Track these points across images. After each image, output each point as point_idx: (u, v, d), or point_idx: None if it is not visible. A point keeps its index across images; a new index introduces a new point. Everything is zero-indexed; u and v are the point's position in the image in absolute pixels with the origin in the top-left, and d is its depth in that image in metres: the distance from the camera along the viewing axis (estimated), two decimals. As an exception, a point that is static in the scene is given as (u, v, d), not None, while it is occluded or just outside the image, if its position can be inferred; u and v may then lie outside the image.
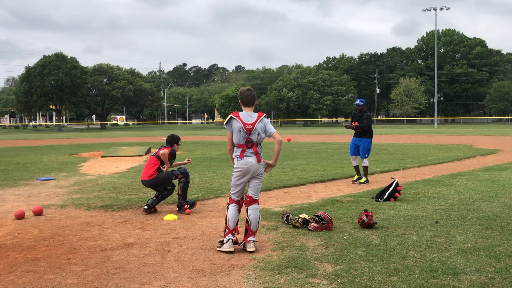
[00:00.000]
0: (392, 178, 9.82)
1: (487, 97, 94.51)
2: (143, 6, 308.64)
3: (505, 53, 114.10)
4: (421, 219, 7.24)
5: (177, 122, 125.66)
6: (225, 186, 10.90)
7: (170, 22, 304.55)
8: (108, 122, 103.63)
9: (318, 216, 6.70)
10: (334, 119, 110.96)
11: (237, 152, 5.87)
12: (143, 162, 17.10)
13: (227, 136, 5.92)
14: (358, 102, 11.73)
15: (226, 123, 5.86)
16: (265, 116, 5.94)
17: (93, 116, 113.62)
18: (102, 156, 20.09)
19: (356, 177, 11.74)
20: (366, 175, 11.58)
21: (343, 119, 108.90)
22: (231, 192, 6.02)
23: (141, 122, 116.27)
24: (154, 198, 8.35)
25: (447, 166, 15.18)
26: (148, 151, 21.19)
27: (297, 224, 6.78)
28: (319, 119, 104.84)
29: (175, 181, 8.53)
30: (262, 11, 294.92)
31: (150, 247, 6.01)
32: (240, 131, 5.76)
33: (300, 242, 6.01)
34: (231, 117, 5.82)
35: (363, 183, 11.44)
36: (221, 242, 5.85)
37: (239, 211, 6.00)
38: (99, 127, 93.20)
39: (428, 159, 17.33)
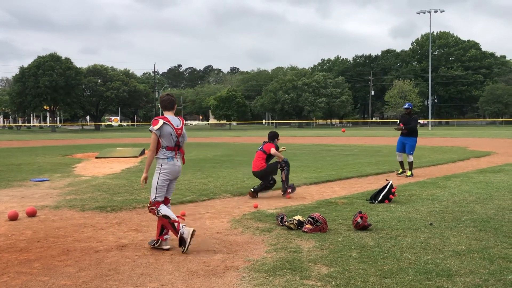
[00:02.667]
0: (386, 180, 9.83)
1: (481, 99, 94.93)
2: (142, 7, 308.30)
3: (499, 56, 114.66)
4: (415, 221, 7.24)
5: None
6: (219, 188, 10.89)
7: (168, 23, 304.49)
8: (102, 123, 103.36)
9: (312, 218, 6.70)
10: (328, 121, 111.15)
11: (168, 154, 6.02)
12: (138, 164, 17.07)
13: (151, 139, 5.95)
14: (406, 106, 13.49)
15: (156, 127, 5.92)
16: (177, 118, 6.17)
17: (87, 117, 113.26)
18: (96, 157, 20.03)
19: (400, 170, 13.31)
20: (411, 169, 13.14)
21: (337, 121, 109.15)
22: (157, 195, 5.97)
23: (135, 123, 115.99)
24: (259, 185, 9.98)
25: (441, 168, 15.22)
26: (143, 152, 21.14)
27: (292, 226, 6.78)
28: (314, 121, 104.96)
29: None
30: (261, 13, 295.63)
31: (144, 248, 5.99)
32: (171, 135, 5.98)
33: (294, 244, 6.01)
34: (164, 122, 5.95)
35: (409, 176, 12.91)
36: (181, 238, 5.77)
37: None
38: (93, 128, 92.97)
39: (422, 161, 17.36)
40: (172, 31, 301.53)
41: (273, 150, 9.93)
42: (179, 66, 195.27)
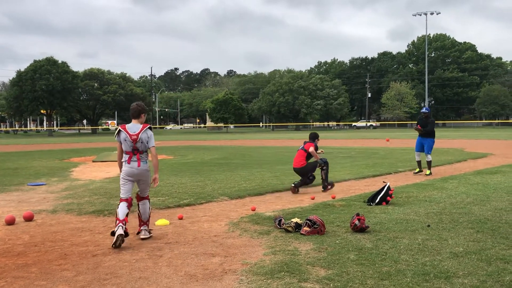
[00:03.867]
0: (383, 182, 9.84)
1: (477, 101, 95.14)
2: (141, 11, 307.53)
3: (495, 57, 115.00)
4: (412, 222, 7.25)
5: (167, 127, 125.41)
6: (217, 191, 10.88)
7: (166, 27, 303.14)
8: (99, 127, 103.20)
9: (310, 220, 6.70)
10: (325, 123, 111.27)
11: (125, 158, 6.70)
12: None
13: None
14: (424, 110, 14.37)
15: (116, 135, 6.73)
16: (149, 128, 6.80)
17: (84, 121, 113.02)
18: (93, 161, 20.00)
19: (417, 170, 14.04)
20: (430, 168, 13.97)
21: (335, 123, 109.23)
22: (120, 193, 6.75)
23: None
24: (299, 181, 10.93)
25: (438, 169, 15.24)
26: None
27: (290, 229, 6.77)
28: (311, 123, 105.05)
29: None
30: (260, 16, 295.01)
31: (142, 252, 5.98)
32: (125, 140, 6.63)
33: (292, 247, 6.01)
34: (119, 129, 6.71)
35: (428, 174, 13.64)
36: (113, 232, 6.37)
37: (128, 207, 6.61)
38: (90, 131, 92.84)
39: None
40: (170, 35, 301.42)
41: (311, 149, 10.98)
42: (176, 69, 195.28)
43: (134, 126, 6.70)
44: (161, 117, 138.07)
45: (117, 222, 6.37)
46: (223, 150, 27.97)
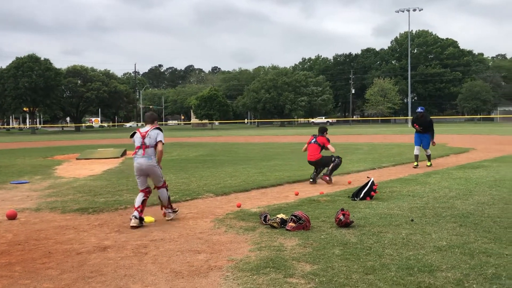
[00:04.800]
0: (367, 177, 9.91)
1: (459, 96, 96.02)
2: (128, 8, 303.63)
3: (476, 53, 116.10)
4: (396, 217, 7.32)
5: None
6: (202, 188, 10.87)
7: (152, 23, 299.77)
8: (83, 124, 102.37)
9: (295, 216, 6.73)
10: (310, 119, 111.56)
11: (135, 154, 7.64)
12: (119, 164, 16.96)
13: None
14: (419, 110, 15.39)
15: (130, 136, 7.88)
16: (159, 128, 7.74)
17: (68, 118, 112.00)
18: (77, 159, 19.84)
19: (416, 163, 14.86)
20: (429, 160, 15.20)
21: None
22: (138, 185, 7.75)
23: (116, 124, 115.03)
24: (314, 172, 11.70)
25: (422, 164, 15.38)
26: (124, 153, 21.00)
27: (275, 224, 6.79)
28: (296, 120, 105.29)
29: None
30: (246, 13, 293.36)
31: (127, 249, 5.96)
32: (137, 137, 7.69)
33: (278, 242, 6.03)
34: (134, 132, 7.81)
35: (429, 166, 14.80)
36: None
37: (145, 196, 7.57)
38: (73, 129, 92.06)
39: (402, 158, 17.54)
40: (155, 32, 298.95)
41: (330, 146, 11.90)
42: (160, 66, 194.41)
43: (146, 127, 7.77)
44: (145, 113, 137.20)
45: (134, 209, 7.40)
46: (208, 146, 27.93)
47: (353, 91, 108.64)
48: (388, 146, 24.77)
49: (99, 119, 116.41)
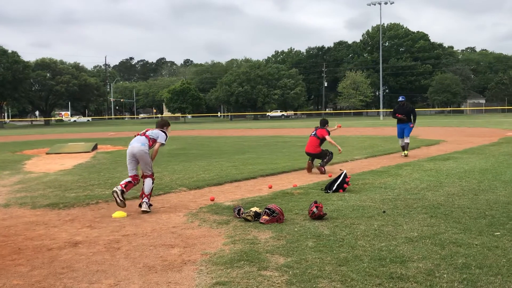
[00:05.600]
0: (340, 169, 9.99)
1: (430, 89, 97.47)
2: (98, 0, 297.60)
3: (447, 46, 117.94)
4: (369, 209, 7.39)
5: (125, 117, 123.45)
6: (175, 182, 10.80)
7: (124, 16, 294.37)
8: (53, 118, 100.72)
9: (269, 209, 6.74)
10: (283, 112, 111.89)
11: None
12: (90, 159, 16.74)
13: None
14: (400, 99, 16.11)
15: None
16: (164, 133, 8.54)
17: (37, 112, 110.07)
18: (47, 153, 19.51)
19: (404, 152, 15.45)
20: (407, 149, 15.57)
21: (292, 112, 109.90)
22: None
23: (86, 117, 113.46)
24: (324, 160, 12.19)
25: (393, 157, 15.57)
26: (95, 147, 20.73)
27: (249, 218, 6.80)
28: (269, 113, 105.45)
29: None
30: (218, 5, 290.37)
31: (99, 245, 5.89)
32: (144, 129, 8.56)
33: (251, 235, 6.03)
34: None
35: (405, 156, 15.19)
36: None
37: (132, 181, 8.03)
38: (43, 123, 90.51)
39: (374, 150, 17.73)
40: (127, 24, 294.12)
41: (328, 138, 12.34)
42: (131, 58, 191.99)
43: (151, 129, 8.49)
44: (117, 107, 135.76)
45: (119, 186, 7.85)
46: (181, 140, 27.76)
47: (325, 84, 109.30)
48: (360, 138, 25.01)
49: (69, 112, 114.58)
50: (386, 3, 73.17)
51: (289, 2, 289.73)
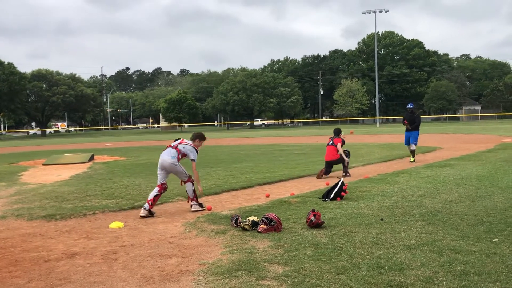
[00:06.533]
0: (337, 177, 9.98)
1: (425, 96, 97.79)
2: (95, 10, 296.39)
3: (442, 54, 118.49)
4: (366, 217, 7.38)
5: (119, 127, 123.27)
6: (172, 191, 10.76)
7: (120, 26, 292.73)
8: (49, 129, 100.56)
9: (267, 218, 6.72)
10: (280, 121, 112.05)
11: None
12: (87, 170, 16.70)
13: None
14: (409, 106, 16.61)
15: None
16: (193, 146, 8.85)
17: (33, 123, 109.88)
18: (44, 164, 19.46)
19: (412, 158, 16.02)
20: (414, 155, 16.14)
21: (288, 120, 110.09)
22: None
23: (83, 128, 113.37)
24: (345, 166, 13.07)
25: (390, 164, 15.58)
26: (92, 158, 20.69)
27: (246, 227, 6.78)
28: (266, 121, 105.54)
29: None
30: (215, 15, 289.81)
31: (96, 256, 5.86)
32: (177, 141, 9.08)
33: (249, 245, 6.01)
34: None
35: (412, 162, 15.74)
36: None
37: (159, 191, 8.51)
38: (39, 134, 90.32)
39: (371, 158, 17.74)
40: (123, 34, 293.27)
41: (338, 145, 13.20)
42: (128, 69, 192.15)
43: (189, 141, 8.95)
44: (113, 117, 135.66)
45: (146, 201, 8.40)
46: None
47: (321, 92, 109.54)
48: (357, 146, 25.00)
49: (65, 123, 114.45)
50: (381, 12, 73.65)
51: (286, 11, 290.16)
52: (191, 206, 8.59)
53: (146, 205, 8.23)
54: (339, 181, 9.25)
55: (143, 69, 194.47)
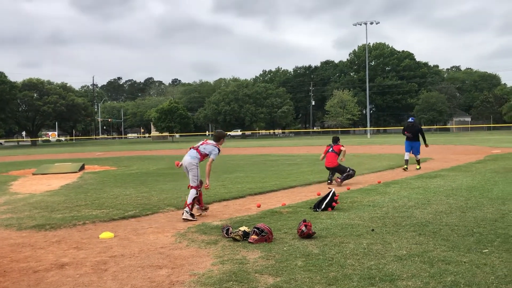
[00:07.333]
0: (329, 188, 9.99)
1: (416, 107, 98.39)
2: (87, 20, 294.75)
3: (432, 65, 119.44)
4: (357, 227, 7.39)
5: (115, 137, 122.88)
6: (163, 202, 10.74)
7: (114, 36, 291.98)
8: (40, 139, 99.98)
9: (258, 228, 6.71)
10: (271, 131, 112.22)
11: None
12: (77, 179, 16.61)
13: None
14: (410, 120, 17.86)
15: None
16: (218, 148, 9.18)
17: (23, 133, 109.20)
18: (34, 174, 19.33)
19: (405, 166, 16.96)
20: (419, 164, 17.40)
21: (280, 131, 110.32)
22: None
23: (74, 137, 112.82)
24: (330, 175, 13.79)
25: (381, 174, 15.63)
26: (82, 168, 20.59)
27: (237, 237, 6.76)
28: (257, 131, 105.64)
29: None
30: (208, 25, 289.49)
31: (86, 266, 5.81)
32: (200, 142, 9.33)
33: (240, 255, 5.99)
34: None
35: (418, 169, 16.98)
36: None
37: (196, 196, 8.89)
38: (29, 143, 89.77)
39: (362, 168, 17.77)
40: (115, 44, 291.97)
41: (343, 148, 14.30)
42: (119, 78, 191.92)
43: (211, 141, 9.28)
44: (104, 127, 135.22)
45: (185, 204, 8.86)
46: (169, 159, 27.64)
47: (313, 103, 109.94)
48: (347, 156, 25.02)
49: (56, 133, 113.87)
50: (371, 23, 74.31)
51: (279, 22, 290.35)
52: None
53: (187, 209, 8.61)
54: (330, 191, 9.27)
55: (134, 79, 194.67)
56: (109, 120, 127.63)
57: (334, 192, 9.23)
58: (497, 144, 34.67)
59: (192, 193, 8.81)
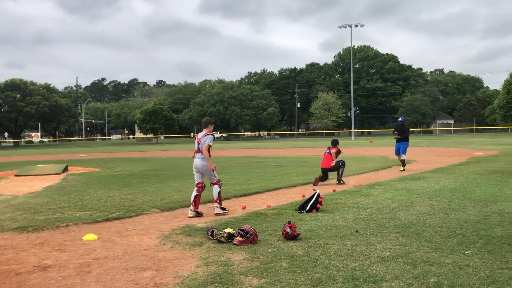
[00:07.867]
0: (313, 189, 10.02)
1: (400, 110, 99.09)
2: (74, 21, 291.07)
3: (416, 68, 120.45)
4: (342, 228, 7.42)
5: (96, 139, 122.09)
6: (147, 203, 10.68)
7: (97, 37, 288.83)
8: (22, 140, 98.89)
9: (243, 230, 6.71)
10: (257, 133, 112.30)
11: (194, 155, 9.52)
12: (60, 181, 16.46)
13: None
14: (400, 119, 18.23)
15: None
16: (211, 134, 9.36)
17: (6, 134, 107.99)
18: (16, 175, 19.12)
19: (402, 168, 17.09)
20: (404, 165, 17.37)
21: (265, 133, 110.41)
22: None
23: (57, 139, 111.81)
24: (321, 176, 14.07)
25: (365, 176, 15.71)
26: (66, 169, 20.41)
27: (222, 239, 6.75)
28: (243, 133, 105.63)
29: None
30: (194, 27, 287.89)
31: (69, 268, 5.76)
32: (195, 142, 9.44)
33: (225, 257, 5.99)
34: (194, 137, 8.59)
35: (402, 171, 16.79)
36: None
37: (197, 191, 9.26)
38: (12, 145, 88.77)
39: (346, 170, 17.84)
40: (99, 45, 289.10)
41: (333, 151, 14.52)
42: (103, 79, 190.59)
43: (201, 133, 9.41)
44: (88, 128, 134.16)
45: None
46: (154, 161, 27.54)
47: (298, 105, 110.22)
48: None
49: (39, 134, 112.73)
50: (356, 26, 74.64)
51: (265, 24, 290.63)
52: (214, 208, 9.26)
53: (192, 207, 9.08)
54: (315, 193, 9.30)
55: (119, 80, 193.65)
56: (93, 121, 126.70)
57: (318, 194, 9.26)
58: (480, 147, 35.07)
59: (216, 188, 9.32)
